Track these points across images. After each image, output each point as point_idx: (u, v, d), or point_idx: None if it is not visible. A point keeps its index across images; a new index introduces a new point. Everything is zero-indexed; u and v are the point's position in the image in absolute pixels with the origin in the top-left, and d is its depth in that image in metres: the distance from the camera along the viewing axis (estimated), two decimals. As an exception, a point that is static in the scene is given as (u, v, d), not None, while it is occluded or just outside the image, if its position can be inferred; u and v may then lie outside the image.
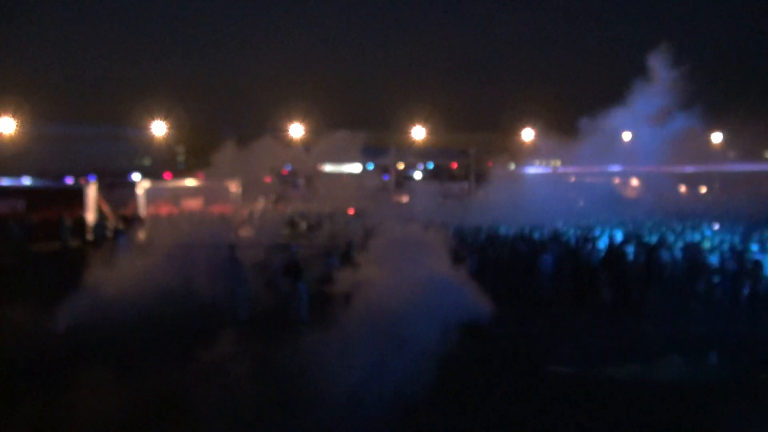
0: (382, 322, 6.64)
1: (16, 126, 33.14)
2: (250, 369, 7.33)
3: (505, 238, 15.01)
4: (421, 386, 6.34)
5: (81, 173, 26.73)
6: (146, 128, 36.59)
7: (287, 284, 12.05)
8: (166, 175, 31.35)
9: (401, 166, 29.08)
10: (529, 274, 12.84)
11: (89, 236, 21.56)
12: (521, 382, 8.02)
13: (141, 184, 25.01)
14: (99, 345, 9.04)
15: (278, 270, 12.44)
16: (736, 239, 15.75)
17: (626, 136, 18.71)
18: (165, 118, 35.87)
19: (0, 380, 7.87)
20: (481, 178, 24.51)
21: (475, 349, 8.42)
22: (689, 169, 21.27)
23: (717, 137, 21.88)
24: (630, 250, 13.36)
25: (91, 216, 22.89)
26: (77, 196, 23.29)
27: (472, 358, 8.27)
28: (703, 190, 28.74)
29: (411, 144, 30.71)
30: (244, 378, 7.10)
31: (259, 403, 6.72)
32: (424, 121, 28.73)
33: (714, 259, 12.89)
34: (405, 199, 22.68)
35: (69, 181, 26.17)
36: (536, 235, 15.33)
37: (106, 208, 23.74)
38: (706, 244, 14.47)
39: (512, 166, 24.18)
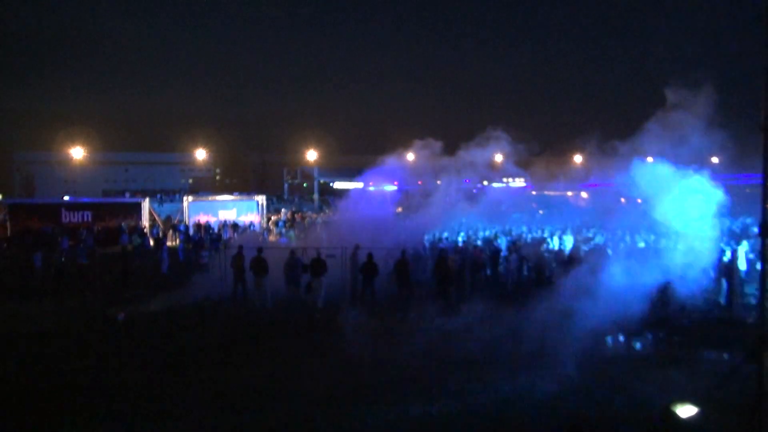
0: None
1: (84, 154, 39.35)
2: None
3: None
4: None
5: (137, 191, 31.81)
6: (190, 154, 42.41)
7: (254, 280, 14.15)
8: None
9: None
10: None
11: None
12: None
13: (186, 198, 30.06)
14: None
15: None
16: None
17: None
18: (204, 145, 41.60)
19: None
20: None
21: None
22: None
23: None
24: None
25: (146, 224, 27.75)
26: (134, 209, 28.32)
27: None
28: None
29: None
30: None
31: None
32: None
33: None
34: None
35: (127, 197, 31.49)
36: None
37: (158, 218, 28.68)
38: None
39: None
